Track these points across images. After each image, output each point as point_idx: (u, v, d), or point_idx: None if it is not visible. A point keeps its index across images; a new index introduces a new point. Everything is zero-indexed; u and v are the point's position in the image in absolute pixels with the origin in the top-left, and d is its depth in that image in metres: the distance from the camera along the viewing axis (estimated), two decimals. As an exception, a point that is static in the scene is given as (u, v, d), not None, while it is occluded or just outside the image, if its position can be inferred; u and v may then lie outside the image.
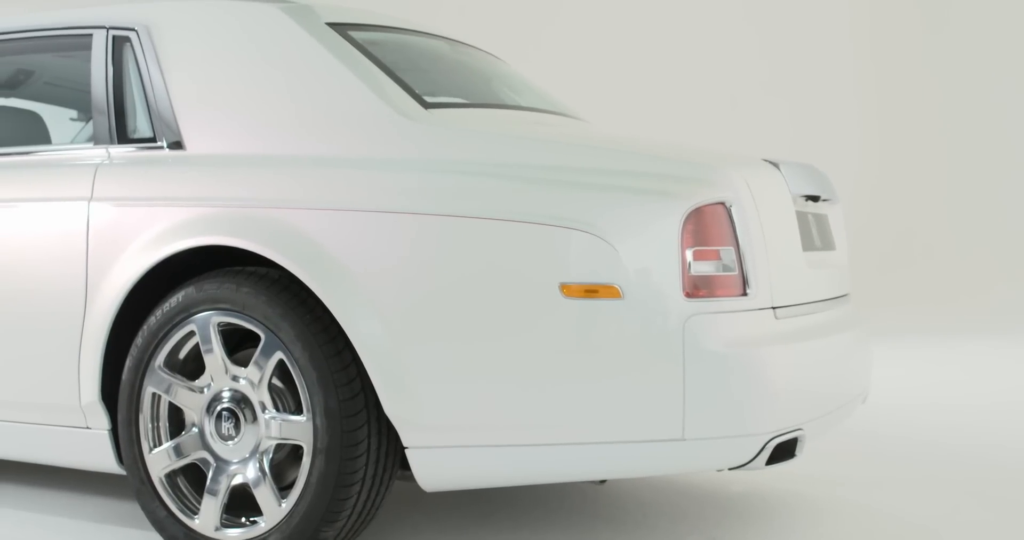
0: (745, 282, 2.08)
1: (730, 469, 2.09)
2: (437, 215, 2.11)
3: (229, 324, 2.29)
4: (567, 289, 2.03)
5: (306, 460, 2.19)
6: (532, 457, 2.10)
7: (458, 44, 2.98)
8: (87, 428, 2.49)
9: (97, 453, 2.49)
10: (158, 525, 2.36)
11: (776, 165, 2.30)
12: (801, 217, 2.41)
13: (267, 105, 2.42)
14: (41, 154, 2.70)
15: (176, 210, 2.36)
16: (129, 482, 2.41)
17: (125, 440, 2.39)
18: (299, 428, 2.20)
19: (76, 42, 2.70)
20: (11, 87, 3.03)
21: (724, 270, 2.06)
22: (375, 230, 2.15)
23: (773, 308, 2.13)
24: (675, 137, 2.90)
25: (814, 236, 2.49)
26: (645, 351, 2.00)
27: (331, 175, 2.24)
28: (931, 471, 3.31)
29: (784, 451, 2.12)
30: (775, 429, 2.05)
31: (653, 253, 2.01)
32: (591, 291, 2.02)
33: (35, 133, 2.97)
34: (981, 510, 2.85)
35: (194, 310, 2.30)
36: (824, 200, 2.64)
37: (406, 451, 2.16)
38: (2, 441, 2.65)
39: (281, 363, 2.23)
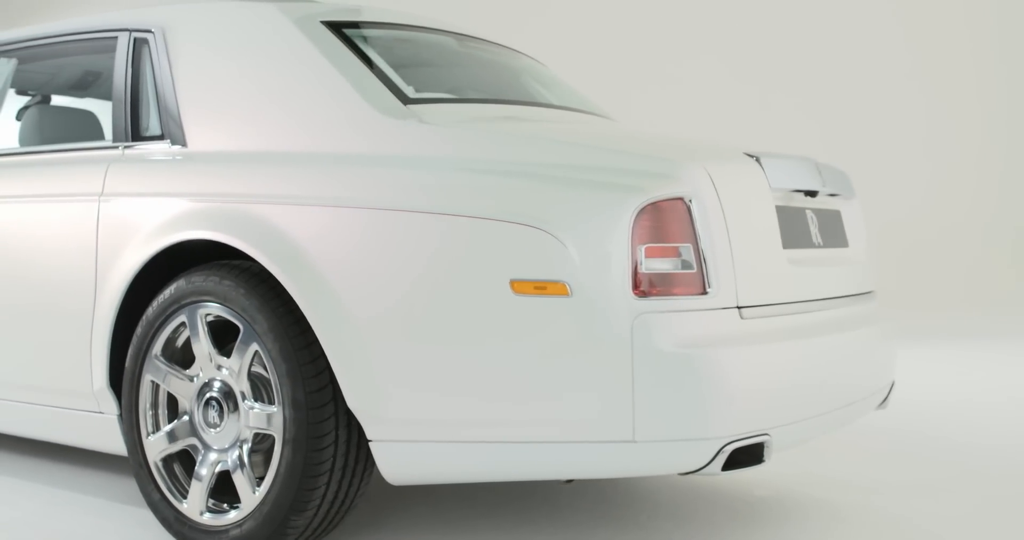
0: (706, 280, 2.01)
1: (685, 474, 2.03)
2: (393, 210, 2.12)
3: (219, 316, 2.36)
4: (516, 286, 2.01)
5: (276, 450, 2.24)
6: (489, 454, 2.08)
7: (468, 38, 2.98)
8: (100, 413, 2.62)
9: (109, 437, 2.62)
10: (153, 507, 2.46)
11: (756, 158, 2.21)
12: (792, 212, 2.31)
13: (260, 102, 2.48)
14: (68, 152, 2.84)
15: (170, 205, 2.45)
16: (130, 465, 2.52)
17: (127, 425, 2.50)
18: (271, 419, 2.26)
19: (105, 45, 2.84)
20: (55, 87, 3.20)
21: (683, 268, 2.00)
22: (336, 224, 2.18)
23: (739, 308, 2.05)
24: (676, 132, 2.82)
25: (811, 233, 2.38)
26: (593, 350, 1.96)
27: (302, 170, 2.28)
28: (967, 471, 3.15)
29: (750, 456, 2.04)
30: (732, 433, 1.97)
31: (602, 250, 1.96)
32: (540, 288, 1.99)
33: (91, 131, 3.13)
34: (1016, 518, 2.67)
35: (184, 301, 2.38)
36: (832, 195, 2.52)
37: (370, 444, 2.19)
38: (31, 423, 2.81)
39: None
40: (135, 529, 2.57)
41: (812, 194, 2.39)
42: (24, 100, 3.45)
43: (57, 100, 3.47)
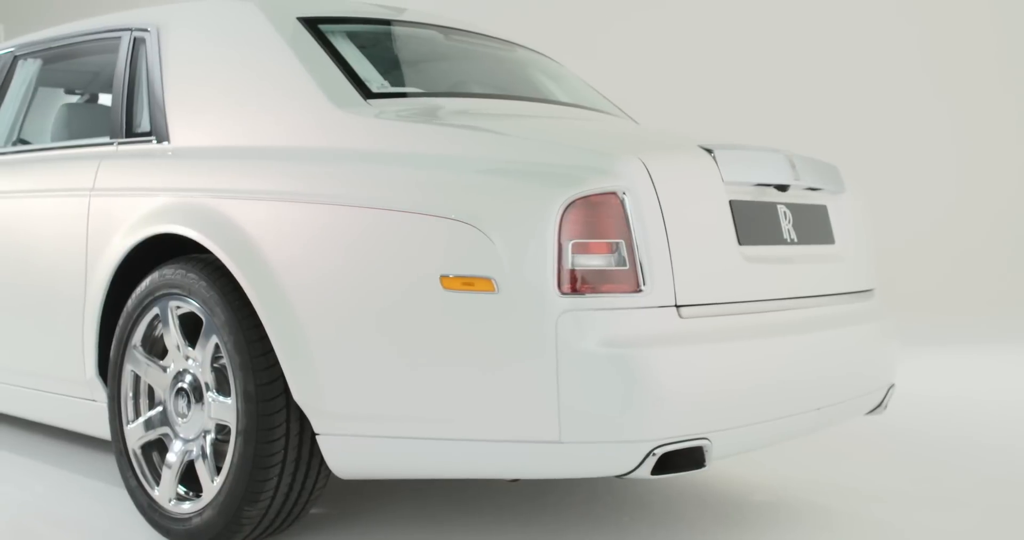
0: (640, 278, 1.94)
1: (619, 476, 1.97)
2: (331, 205, 2.13)
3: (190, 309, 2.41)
4: (446, 281, 1.98)
5: (231, 441, 2.27)
6: (424, 451, 2.07)
7: (459, 33, 2.94)
8: (93, 401, 2.71)
9: (102, 424, 2.70)
10: (131, 493, 2.53)
11: (710, 151, 2.13)
12: (757, 207, 2.21)
13: (235, 98, 2.52)
14: (70, 149, 2.94)
15: (147, 201, 2.51)
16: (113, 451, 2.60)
17: (110, 413, 2.58)
18: (227, 410, 2.29)
19: (112, 44, 2.93)
20: (79, 85, 3.33)
21: (616, 264, 1.93)
22: (281, 217, 2.20)
23: (677, 306, 1.98)
24: (655, 127, 2.73)
25: (783, 229, 2.28)
26: (518, 348, 1.92)
27: (257, 164, 2.32)
28: (983, 479, 2.98)
29: (689, 460, 1.97)
30: (661, 437, 1.90)
31: (528, 245, 1.92)
32: (467, 284, 1.96)
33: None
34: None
35: (157, 294, 2.44)
36: (813, 190, 2.41)
37: (316, 437, 2.20)
38: (37, 409, 2.94)
39: None
40: (136, 517, 2.64)
41: (783, 188, 2.29)
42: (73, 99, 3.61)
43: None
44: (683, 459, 1.97)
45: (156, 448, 2.53)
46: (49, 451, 3.33)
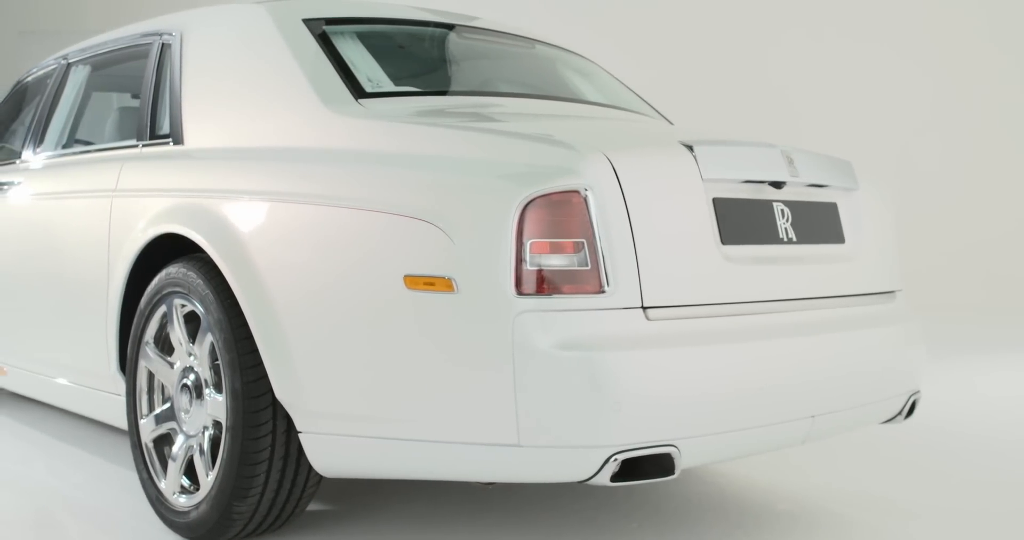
0: (603, 279, 1.88)
1: (581, 482, 1.91)
2: (306, 204, 2.14)
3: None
4: (409, 281, 1.97)
5: (223, 437, 2.31)
6: (396, 451, 2.05)
7: (469, 30, 2.91)
8: (118, 395, 2.80)
9: (124, 416, 2.79)
10: (143, 485, 2.60)
11: (691, 148, 2.05)
12: (747, 205, 2.12)
13: (240, 100, 2.56)
14: (102, 151, 3.05)
15: (158, 201, 2.58)
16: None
17: (128, 407, 2.66)
18: (220, 407, 2.33)
19: (145, 49, 3.02)
20: (117, 89, 3.45)
21: (577, 264, 1.88)
22: (265, 217, 2.22)
23: (643, 308, 1.91)
24: (647, 125, 2.64)
25: (778, 227, 2.18)
26: (476, 350, 1.89)
27: (248, 164, 2.35)
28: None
29: (657, 467, 1.90)
30: (620, 443, 1.84)
31: (486, 244, 1.88)
32: (429, 283, 1.94)
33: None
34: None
35: (163, 292, 2.50)
36: (817, 186, 2.29)
37: (299, 435, 2.21)
38: (73, 400, 3.05)
39: None
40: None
41: (778, 185, 2.18)
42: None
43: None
44: (652, 466, 1.90)
45: (166, 442, 2.59)
46: (97, 441, 3.46)
